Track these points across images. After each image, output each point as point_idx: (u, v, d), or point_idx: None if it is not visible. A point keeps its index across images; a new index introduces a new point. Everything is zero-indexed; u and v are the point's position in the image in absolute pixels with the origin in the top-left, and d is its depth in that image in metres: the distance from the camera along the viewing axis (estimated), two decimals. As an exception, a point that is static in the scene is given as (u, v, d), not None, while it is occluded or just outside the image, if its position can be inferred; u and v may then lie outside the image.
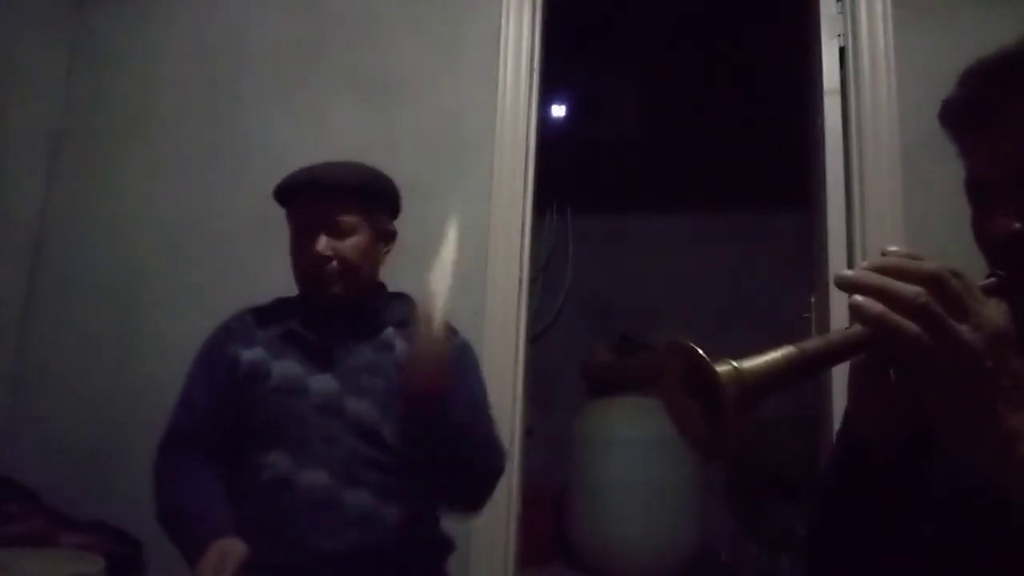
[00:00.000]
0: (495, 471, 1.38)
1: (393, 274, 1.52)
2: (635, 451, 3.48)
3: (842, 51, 2.06)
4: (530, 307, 2.16)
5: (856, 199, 1.95)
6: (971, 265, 0.66)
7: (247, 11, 2.46)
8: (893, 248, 0.54)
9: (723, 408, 0.49)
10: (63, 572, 1.79)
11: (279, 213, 1.44)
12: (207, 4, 2.51)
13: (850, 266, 1.95)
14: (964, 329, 0.49)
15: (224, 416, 1.37)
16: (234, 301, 1.51)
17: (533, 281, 2.32)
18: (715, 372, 0.50)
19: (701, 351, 0.51)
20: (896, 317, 0.49)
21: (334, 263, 1.35)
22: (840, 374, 0.70)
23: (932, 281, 0.50)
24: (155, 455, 1.40)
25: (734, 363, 0.51)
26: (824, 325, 1.94)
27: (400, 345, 1.38)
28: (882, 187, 1.93)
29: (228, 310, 1.49)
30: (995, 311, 0.51)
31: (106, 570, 1.84)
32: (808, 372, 0.53)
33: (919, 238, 1.87)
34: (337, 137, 2.25)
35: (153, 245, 2.36)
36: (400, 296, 1.50)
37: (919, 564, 0.63)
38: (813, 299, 2.20)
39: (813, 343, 0.53)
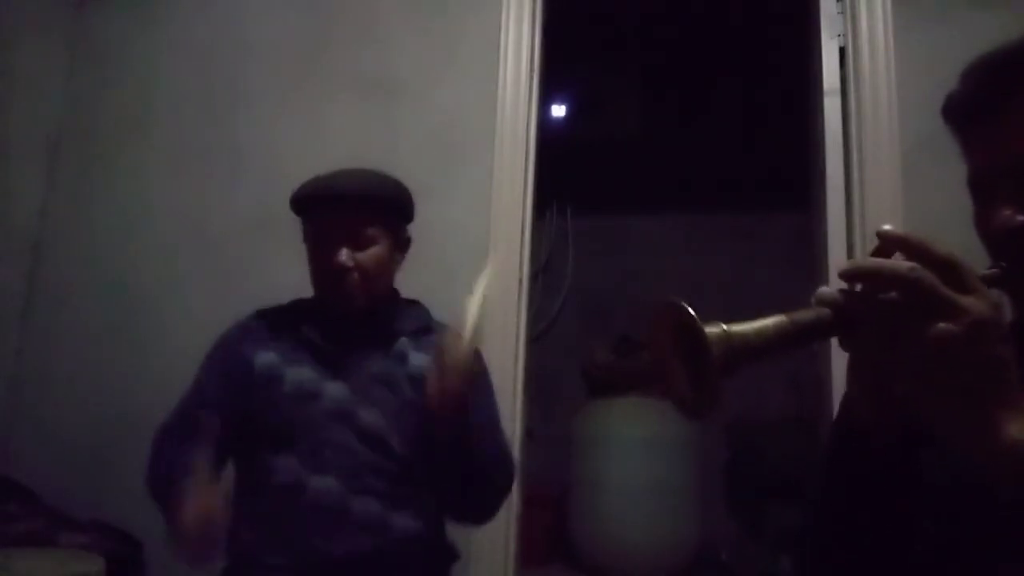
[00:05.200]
0: (507, 485, 1.41)
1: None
2: (635, 451, 3.48)
3: (842, 51, 2.06)
4: (530, 307, 2.15)
5: (856, 199, 1.95)
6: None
7: (247, 11, 2.46)
8: (887, 228, 0.54)
9: (708, 369, 0.50)
10: (63, 572, 1.79)
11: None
12: (207, 4, 2.51)
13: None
14: (966, 299, 0.49)
15: (232, 411, 1.35)
16: (233, 301, 1.51)
17: (533, 281, 2.32)
18: (704, 333, 0.50)
19: (692, 311, 0.52)
20: (891, 263, 0.51)
21: (355, 275, 1.35)
22: (840, 375, 0.69)
23: (941, 263, 0.50)
24: (157, 431, 1.38)
25: (724, 326, 0.51)
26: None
27: (413, 356, 1.39)
28: (882, 187, 1.93)
29: (227, 310, 1.48)
30: (985, 299, 0.51)
31: (106, 570, 1.84)
32: (796, 342, 0.53)
33: (919, 238, 1.87)
34: (337, 137, 2.25)
35: (153, 245, 2.35)
36: (413, 303, 1.51)
37: (918, 552, 0.64)
38: (813, 299, 2.20)
39: (804, 314, 0.54)
